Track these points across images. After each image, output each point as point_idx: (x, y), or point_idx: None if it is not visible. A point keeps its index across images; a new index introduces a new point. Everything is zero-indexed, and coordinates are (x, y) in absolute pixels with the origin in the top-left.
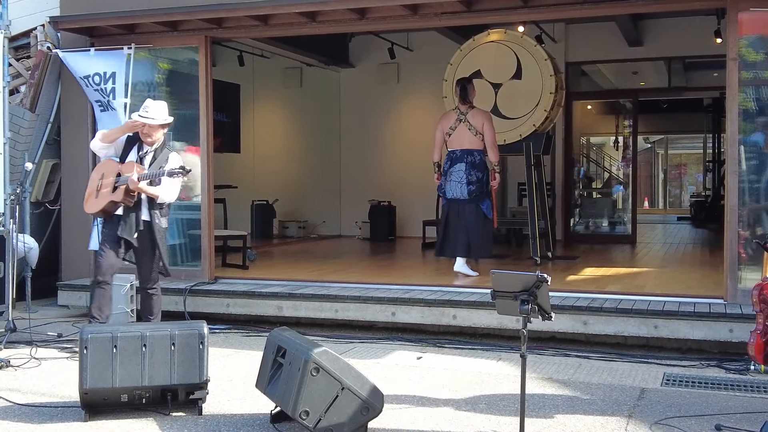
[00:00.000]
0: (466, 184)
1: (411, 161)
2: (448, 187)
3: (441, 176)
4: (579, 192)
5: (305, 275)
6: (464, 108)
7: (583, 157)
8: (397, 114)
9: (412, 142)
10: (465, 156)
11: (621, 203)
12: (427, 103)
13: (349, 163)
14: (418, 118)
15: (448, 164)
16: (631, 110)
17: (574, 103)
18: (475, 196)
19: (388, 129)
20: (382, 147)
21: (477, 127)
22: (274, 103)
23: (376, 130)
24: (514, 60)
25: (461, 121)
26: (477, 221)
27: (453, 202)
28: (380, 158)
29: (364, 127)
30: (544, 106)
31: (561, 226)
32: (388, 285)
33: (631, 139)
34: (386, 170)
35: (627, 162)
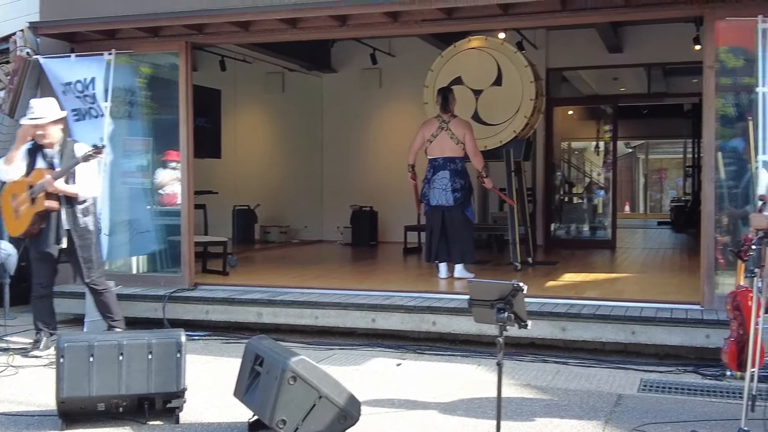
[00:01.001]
0: (451, 192)
1: (393, 166)
2: (432, 195)
3: (415, 177)
4: (560, 197)
5: (286, 281)
6: (446, 117)
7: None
8: (379, 119)
9: (394, 147)
10: (448, 164)
11: (602, 208)
12: (409, 108)
13: (331, 168)
14: (400, 123)
15: (430, 172)
16: (612, 115)
17: (555, 109)
18: (460, 203)
19: (370, 134)
20: (364, 152)
21: (458, 136)
22: (255, 108)
23: (358, 135)
24: (495, 67)
25: (443, 129)
26: (465, 227)
27: (437, 209)
28: (362, 163)
29: (346, 132)
30: (525, 113)
31: (542, 231)
32: (368, 291)
33: (611, 144)
34: (368, 175)
35: (608, 167)
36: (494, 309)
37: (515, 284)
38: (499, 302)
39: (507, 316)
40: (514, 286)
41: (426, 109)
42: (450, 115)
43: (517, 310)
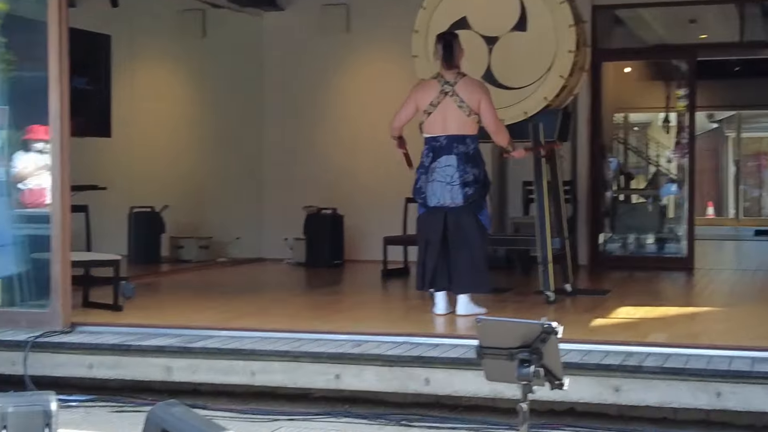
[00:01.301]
0: (459, 186)
1: (367, 149)
2: (430, 191)
3: (404, 144)
4: (612, 195)
5: (208, 319)
6: (450, 76)
7: (619, 145)
8: (346, 79)
9: (369, 121)
10: (455, 145)
11: (673, 211)
12: (391, 63)
13: (275, 153)
14: (377, 86)
15: (428, 157)
16: (688, 75)
17: (606, 66)
18: (472, 203)
19: (334, 101)
20: (324, 128)
21: (470, 103)
22: (163, 62)
23: (315, 104)
24: (517, 3)
25: (447, 95)
26: (477, 240)
27: (437, 213)
28: (322, 145)
29: (298, 99)
30: (560, 71)
31: (586, 245)
32: (331, 334)
33: (687, 117)
34: (331, 162)
35: (682, 150)
36: (515, 361)
37: (546, 324)
38: (522, 351)
39: (534, 371)
40: (544, 327)
41: (416, 64)
42: (456, 74)
43: (549, 363)
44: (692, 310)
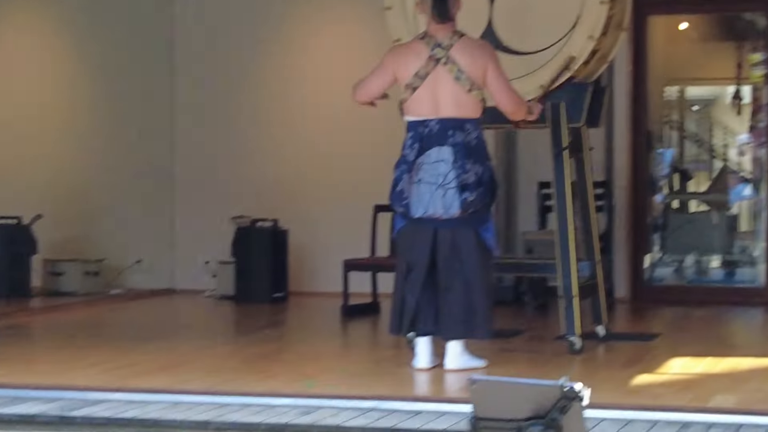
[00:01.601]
0: (456, 190)
1: (320, 139)
2: (415, 195)
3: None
4: (663, 201)
5: (96, 377)
6: (444, 35)
7: (672, 131)
8: (291, 45)
9: (323, 100)
10: (450, 132)
11: (747, 222)
12: (353, 20)
13: (192, 145)
14: (335, 52)
15: (413, 148)
16: (766, 35)
17: (653, 22)
18: (473, 214)
19: (274, 75)
20: (261, 112)
21: (472, 74)
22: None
23: (248, 79)
24: None
25: (439, 62)
26: (481, 266)
27: (424, 226)
28: (257, 134)
29: (223, 73)
30: (590, 30)
31: (625, 269)
32: (269, 397)
33: (765, 92)
34: (269, 158)
35: (759, 138)
36: None
37: (566, 386)
38: (533, 423)
39: None
40: (565, 389)
41: (389, 20)
42: (452, 33)
43: None
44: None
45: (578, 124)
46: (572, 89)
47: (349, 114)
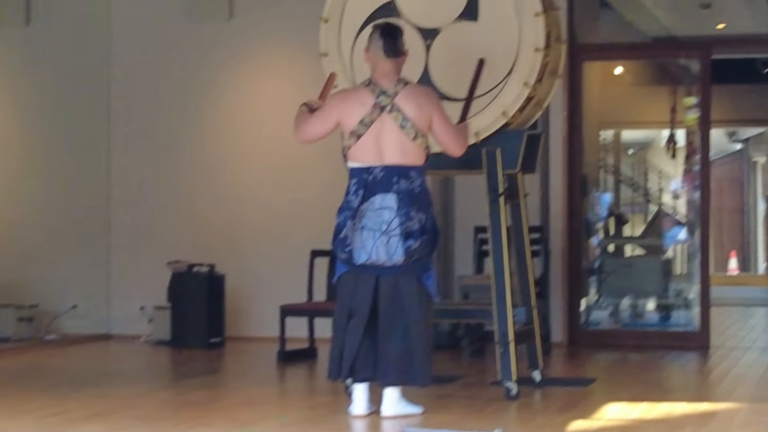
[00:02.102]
0: (400, 237)
1: (257, 182)
2: (359, 241)
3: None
4: (599, 245)
5: (28, 425)
6: (388, 83)
7: (608, 175)
8: (228, 85)
9: (260, 142)
10: (395, 179)
11: (682, 265)
12: (291, 62)
13: (128, 186)
14: (272, 94)
15: (357, 195)
16: (700, 78)
17: (588, 68)
18: (415, 261)
19: (212, 116)
20: (197, 153)
21: (418, 122)
22: None
23: (185, 118)
24: None
25: (384, 110)
26: (422, 313)
27: (368, 273)
28: (194, 176)
29: (160, 112)
30: (525, 76)
31: (562, 314)
32: None
33: (700, 136)
34: (206, 201)
35: (693, 181)
36: None
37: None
38: None
39: None
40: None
41: (325, 65)
42: (397, 80)
43: None
44: (708, 407)
45: (514, 170)
46: (508, 135)
47: (287, 159)
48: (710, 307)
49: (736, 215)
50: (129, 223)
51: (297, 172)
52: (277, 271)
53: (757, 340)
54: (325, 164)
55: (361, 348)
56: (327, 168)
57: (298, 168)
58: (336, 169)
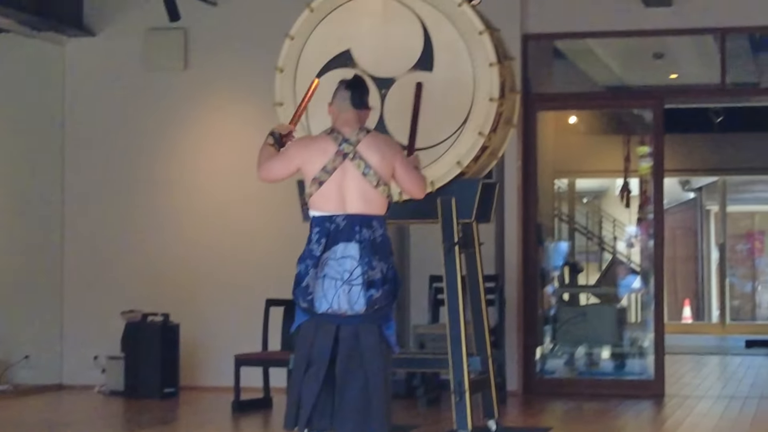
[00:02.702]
0: (362, 287)
1: (212, 230)
2: (320, 290)
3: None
4: (554, 294)
5: None
6: (350, 131)
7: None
8: (184, 134)
9: (215, 191)
10: (357, 228)
11: (636, 314)
12: (246, 111)
13: (81, 234)
14: (227, 143)
15: (320, 243)
16: (654, 128)
17: (542, 117)
18: (376, 311)
19: (166, 164)
20: (151, 201)
21: (381, 170)
22: None
23: (139, 167)
24: (419, 31)
25: (347, 157)
26: (381, 364)
27: (328, 323)
28: (147, 224)
29: (114, 160)
30: (479, 126)
31: (517, 364)
32: None
33: (653, 185)
34: (160, 249)
35: (646, 230)
36: None
37: None
38: None
39: None
40: None
41: (280, 114)
42: (359, 129)
43: None
44: None
45: (469, 219)
46: (463, 185)
47: (241, 208)
48: (665, 355)
49: (689, 263)
50: (83, 273)
51: (251, 221)
52: (232, 321)
53: (711, 389)
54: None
55: (319, 397)
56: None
57: (252, 217)
58: (290, 218)
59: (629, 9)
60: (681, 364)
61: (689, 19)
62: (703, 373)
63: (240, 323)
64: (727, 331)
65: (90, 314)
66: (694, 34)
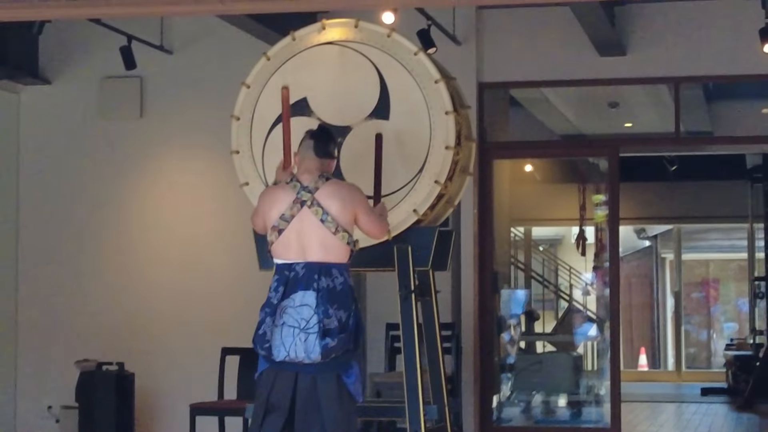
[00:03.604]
0: (317, 335)
1: (167, 279)
2: (278, 338)
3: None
4: (510, 341)
5: None
6: (309, 179)
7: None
8: (139, 182)
9: (169, 239)
10: (315, 277)
11: (592, 361)
12: (203, 160)
13: (35, 282)
14: (183, 191)
15: (278, 292)
16: (609, 176)
17: (498, 165)
18: (334, 359)
19: (121, 213)
20: (106, 249)
21: (340, 217)
22: None
23: (93, 215)
24: (375, 80)
25: (305, 205)
26: (341, 414)
27: (287, 371)
28: (102, 272)
29: (68, 208)
30: (435, 174)
31: (474, 410)
32: None
33: (609, 233)
34: (115, 298)
35: (602, 278)
36: None
37: None
38: None
39: None
40: None
41: (237, 163)
42: (318, 176)
43: None
44: None
45: (425, 267)
46: (419, 233)
47: (196, 257)
48: (621, 403)
49: (645, 311)
50: (37, 321)
51: (206, 270)
52: (187, 369)
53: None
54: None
55: None
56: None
57: (207, 265)
58: (245, 266)
59: (584, 58)
60: (637, 411)
61: (644, 68)
62: (660, 420)
63: (195, 372)
64: (682, 379)
65: (44, 363)
66: (649, 83)
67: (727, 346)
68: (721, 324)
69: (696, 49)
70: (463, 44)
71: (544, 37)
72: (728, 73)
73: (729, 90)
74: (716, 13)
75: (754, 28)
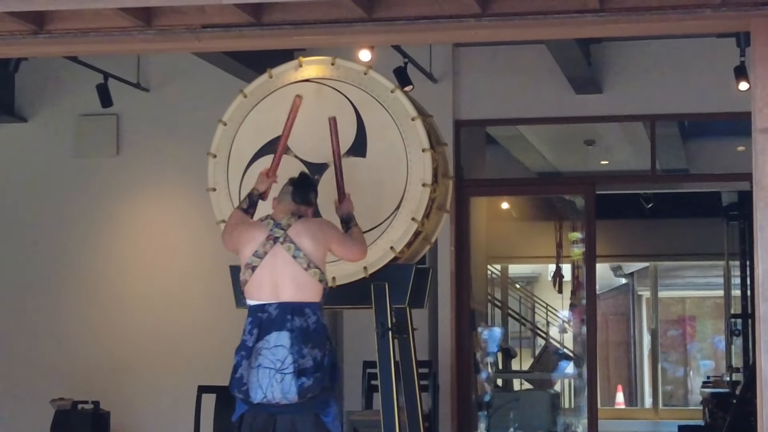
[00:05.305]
0: (293, 375)
1: (142, 318)
2: (254, 380)
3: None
4: (487, 379)
5: None
6: (282, 216)
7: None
8: (115, 220)
9: (146, 276)
10: (288, 317)
11: (569, 399)
12: (180, 198)
13: (8, 324)
14: (159, 229)
15: (252, 334)
16: (585, 214)
17: (475, 203)
18: (311, 398)
19: (96, 250)
20: (81, 287)
21: (313, 254)
22: None
23: (68, 253)
24: (353, 118)
25: (277, 241)
26: None
27: (261, 412)
28: (77, 311)
29: (43, 244)
30: (412, 212)
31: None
32: None
33: (585, 271)
34: (90, 337)
35: (579, 316)
36: None
37: None
38: None
39: None
40: None
41: (213, 200)
42: (290, 214)
43: None
44: None
45: (402, 305)
46: (396, 270)
47: (172, 295)
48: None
49: (622, 349)
50: (12, 360)
51: (182, 307)
52: (163, 408)
53: None
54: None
55: None
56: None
57: (183, 303)
58: (221, 304)
59: (560, 96)
60: None
61: (619, 106)
62: None
63: (171, 410)
64: (659, 417)
65: (18, 401)
66: (625, 121)
67: (704, 384)
68: (698, 361)
69: (672, 87)
70: (440, 82)
71: (520, 75)
72: (704, 111)
73: (704, 128)
74: (692, 52)
75: (729, 66)
